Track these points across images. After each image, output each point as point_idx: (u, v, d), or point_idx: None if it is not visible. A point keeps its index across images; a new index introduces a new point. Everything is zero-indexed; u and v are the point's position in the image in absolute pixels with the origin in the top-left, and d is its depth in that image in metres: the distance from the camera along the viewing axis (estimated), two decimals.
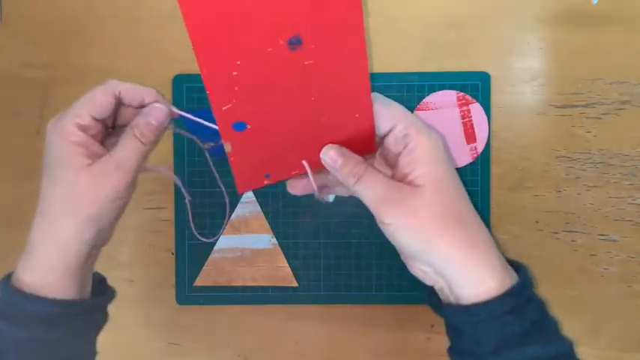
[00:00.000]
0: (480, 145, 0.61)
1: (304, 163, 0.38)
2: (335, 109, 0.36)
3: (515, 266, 0.38)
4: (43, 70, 0.62)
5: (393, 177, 0.38)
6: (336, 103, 0.36)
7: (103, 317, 0.43)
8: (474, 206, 0.54)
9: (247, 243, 0.62)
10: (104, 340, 0.46)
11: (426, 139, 0.36)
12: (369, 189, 0.36)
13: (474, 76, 0.61)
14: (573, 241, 0.61)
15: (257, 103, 0.34)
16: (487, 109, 0.61)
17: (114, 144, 0.39)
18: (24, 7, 0.62)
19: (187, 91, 0.61)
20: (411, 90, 0.61)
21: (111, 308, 0.48)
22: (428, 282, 0.38)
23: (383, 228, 0.37)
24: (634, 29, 0.61)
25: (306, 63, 0.33)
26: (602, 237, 0.61)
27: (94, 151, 0.38)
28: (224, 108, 0.34)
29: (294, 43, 0.31)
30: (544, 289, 0.62)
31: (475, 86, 0.61)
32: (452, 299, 0.36)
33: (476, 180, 0.61)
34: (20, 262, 0.40)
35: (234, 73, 0.32)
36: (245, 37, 0.30)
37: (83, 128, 0.38)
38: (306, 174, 0.39)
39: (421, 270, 0.37)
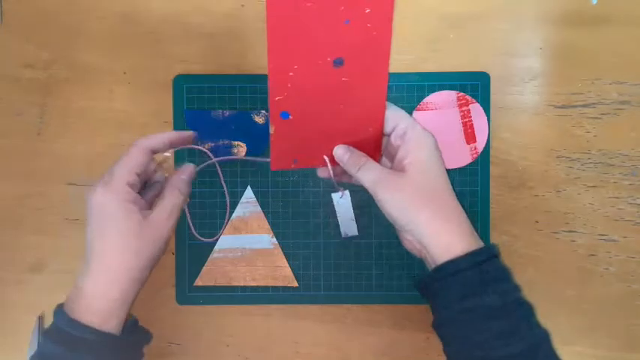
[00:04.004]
0: (480, 145, 0.61)
1: (325, 157, 0.48)
2: (355, 120, 0.45)
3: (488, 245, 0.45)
4: (44, 70, 0.62)
5: (392, 166, 0.46)
6: (357, 116, 0.45)
7: (140, 355, 0.49)
8: (474, 206, 0.63)
9: (247, 243, 0.62)
10: None
11: (420, 136, 0.44)
12: (367, 174, 0.44)
13: (474, 76, 0.61)
14: (573, 241, 0.61)
15: (301, 100, 0.43)
16: (487, 109, 0.61)
17: (149, 198, 0.48)
18: (24, 8, 0.62)
19: (187, 91, 0.61)
20: (411, 90, 0.61)
21: None
22: (415, 253, 0.45)
23: (379, 204, 0.44)
24: (634, 29, 0.61)
25: (342, 79, 0.42)
26: (602, 237, 0.61)
27: (141, 206, 0.46)
28: (277, 98, 0.43)
29: (338, 62, 0.41)
30: (544, 289, 0.62)
31: (475, 86, 0.61)
32: (432, 265, 0.43)
33: (476, 180, 0.61)
34: (73, 298, 0.44)
35: (291, 73, 0.41)
36: (306, 49, 0.40)
37: (132, 186, 0.45)
38: (325, 165, 0.48)
39: (408, 240, 0.45)
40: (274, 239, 0.62)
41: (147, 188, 0.49)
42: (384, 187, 0.43)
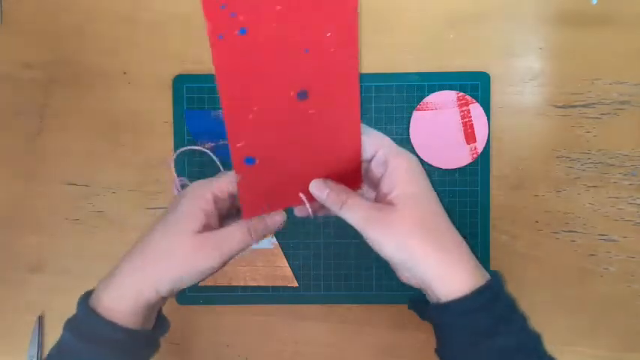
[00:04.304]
0: (480, 145, 0.61)
1: (301, 195, 0.43)
2: (329, 152, 0.41)
3: (489, 272, 0.42)
4: (43, 70, 0.62)
5: (376, 197, 0.43)
6: (330, 148, 0.41)
7: (157, 345, 0.46)
8: (474, 206, 0.61)
9: None
10: None
11: (403, 162, 0.40)
12: (352, 212, 0.40)
13: (474, 76, 0.61)
14: (573, 241, 0.61)
15: (266, 142, 0.39)
16: (487, 109, 0.61)
17: (226, 223, 0.43)
18: (24, 8, 0.62)
19: (187, 91, 0.61)
20: (411, 90, 0.61)
21: None
22: (414, 286, 0.42)
23: (369, 243, 0.41)
24: (634, 29, 0.61)
25: (310, 112, 0.38)
26: (602, 237, 0.61)
27: (210, 223, 0.41)
28: (238, 145, 0.39)
29: (302, 95, 0.37)
30: (544, 289, 0.62)
31: (475, 86, 0.61)
32: (435, 300, 0.40)
33: (476, 180, 0.61)
34: (105, 282, 0.42)
35: (251, 116, 0.37)
36: (264, 88, 0.36)
37: (217, 200, 0.41)
38: (303, 204, 0.43)
39: (406, 277, 0.42)
40: (274, 239, 0.62)
41: (232, 215, 0.44)
42: (374, 227, 0.40)
